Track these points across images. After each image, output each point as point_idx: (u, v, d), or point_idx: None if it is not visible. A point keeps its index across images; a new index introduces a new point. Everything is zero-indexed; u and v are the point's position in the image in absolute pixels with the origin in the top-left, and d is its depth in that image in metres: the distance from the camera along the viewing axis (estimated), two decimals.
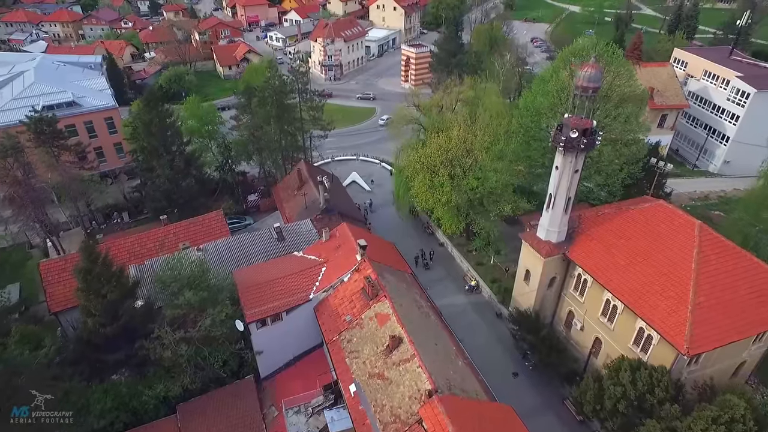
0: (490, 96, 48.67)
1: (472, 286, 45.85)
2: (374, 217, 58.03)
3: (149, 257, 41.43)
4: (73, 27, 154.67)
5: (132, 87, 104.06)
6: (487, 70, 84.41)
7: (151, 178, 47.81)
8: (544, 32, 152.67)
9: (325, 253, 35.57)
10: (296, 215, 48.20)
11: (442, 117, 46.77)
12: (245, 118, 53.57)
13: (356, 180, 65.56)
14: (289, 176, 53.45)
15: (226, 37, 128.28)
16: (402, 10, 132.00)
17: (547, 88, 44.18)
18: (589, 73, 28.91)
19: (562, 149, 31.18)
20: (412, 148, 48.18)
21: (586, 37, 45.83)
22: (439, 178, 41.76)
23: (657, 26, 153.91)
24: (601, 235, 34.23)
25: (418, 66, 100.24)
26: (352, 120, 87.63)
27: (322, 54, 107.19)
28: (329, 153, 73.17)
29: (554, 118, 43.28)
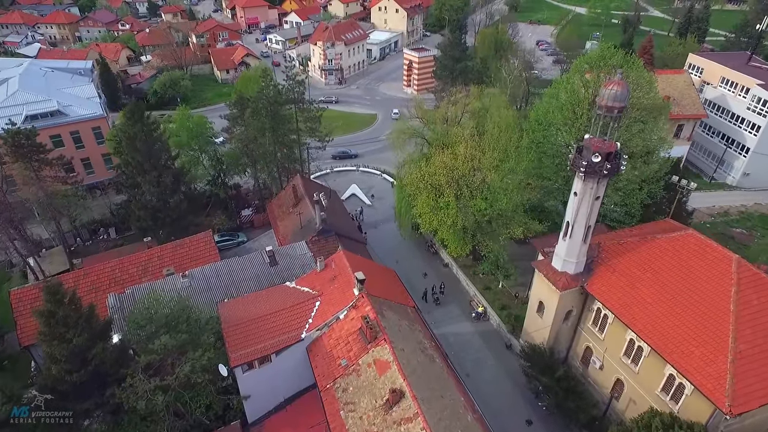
0: (498, 107, 45.41)
1: (479, 312, 42.66)
2: (375, 233, 54.88)
3: (131, 284, 38.41)
4: (69, 29, 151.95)
5: (127, 91, 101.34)
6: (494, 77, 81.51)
7: (136, 196, 44.68)
8: (549, 35, 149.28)
9: (319, 285, 32.45)
10: (291, 235, 45.10)
11: (447, 131, 43.52)
12: (238, 129, 50.43)
13: (356, 193, 62.44)
14: (284, 192, 50.32)
15: (224, 39, 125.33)
16: (404, 12, 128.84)
17: (559, 101, 40.96)
18: (615, 92, 25.69)
19: (583, 174, 27.97)
20: (414, 164, 45.04)
21: (601, 46, 42.28)
22: (444, 199, 38.58)
23: (666, 29, 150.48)
24: (624, 268, 30.99)
25: (421, 71, 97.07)
26: (353, 127, 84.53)
27: (322, 58, 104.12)
28: (328, 164, 70.11)
29: (569, 134, 40.16)
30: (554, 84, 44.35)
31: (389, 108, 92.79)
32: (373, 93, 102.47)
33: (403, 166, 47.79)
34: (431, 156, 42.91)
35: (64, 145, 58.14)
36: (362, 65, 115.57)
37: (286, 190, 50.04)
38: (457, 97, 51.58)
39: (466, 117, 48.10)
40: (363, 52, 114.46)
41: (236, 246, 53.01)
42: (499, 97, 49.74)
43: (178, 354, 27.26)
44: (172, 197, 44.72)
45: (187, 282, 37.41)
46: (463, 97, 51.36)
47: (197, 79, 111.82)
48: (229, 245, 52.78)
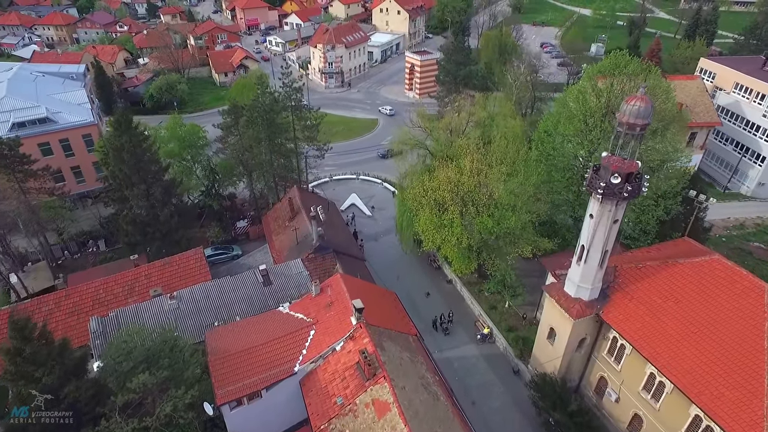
0: (504, 116, 43.12)
1: (484, 334, 40.34)
2: (375, 247, 52.65)
3: (116, 305, 36.28)
4: (66, 30, 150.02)
5: (123, 95, 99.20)
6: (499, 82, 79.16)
7: (124, 209, 42.48)
8: (554, 37, 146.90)
9: (314, 312, 30.18)
10: (286, 251, 42.87)
11: (452, 142, 41.23)
12: (232, 139, 48.18)
13: (356, 203, 60.15)
14: (280, 204, 48.10)
15: (222, 42, 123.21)
16: (406, 14, 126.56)
17: (570, 111, 38.63)
18: (638, 108, 23.38)
19: (600, 196, 25.65)
20: (416, 176, 42.77)
21: (615, 53, 39.93)
22: (448, 216, 36.28)
23: (672, 30, 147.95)
24: (644, 295, 28.65)
25: (423, 74, 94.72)
26: (354, 132, 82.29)
27: (323, 61, 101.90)
28: (327, 171, 67.85)
29: (580, 146, 37.84)
30: (564, 93, 42.00)
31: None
32: (375, 97, 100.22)
33: (404, 177, 45.57)
34: (434, 168, 40.65)
35: (53, 153, 56.03)
36: (363, 68, 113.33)
37: (282, 202, 47.83)
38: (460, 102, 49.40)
39: (471, 125, 45.78)
40: (364, 55, 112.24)
41: (231, 260, 50.81)
42: (505, 105, 47.45)
43: (159, 391, 25.04)
44: (162, 211, 42.46)
45: (175, 304, 35.24)
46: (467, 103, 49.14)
47: (195, 82, 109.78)
48: (223, 259, 50.59)
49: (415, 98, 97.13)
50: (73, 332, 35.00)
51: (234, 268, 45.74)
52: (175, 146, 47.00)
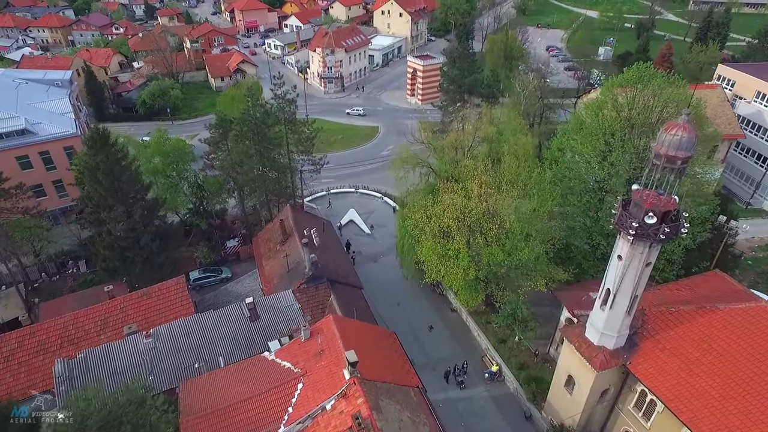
0: (514, 132, 39.62)
1: (493, 372, 36.81)
2: (374, 269, 49.25)
3: (87, 343, 32.96)
4: (62, 33, 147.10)
5: (115, 101, 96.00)
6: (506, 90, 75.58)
7: (101, 233, 39.11)
8: (560, 39, 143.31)
9: (303, 360, 26.72)
10: (277, 278, 39.45)
11: (457, 161, 37.75)
12: (220, 155, 44.74)
13: (354, 219, 56.71)
14: (271, 225, 44.68)
15: (219, 45, 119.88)
16: (408, 17, 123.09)
17: (588, 129, 35.11)
18: (680, 138, 19.88)
19: (631, 237, 22.14)
20: (419, 196, 39.34)
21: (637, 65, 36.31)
22: (454, 245, 32.78)
23: (681, 33, 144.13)
24: (678, 345, 25.13)
25: (426, 79, 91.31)
26: (353, 141, 78.84)
27: (322, 65, 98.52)
28: (325, 183, 64.43)
29: (600, 169, 34.31)
30: (581, 109, 38.49)
31: (393, 120, 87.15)
32: (375, 103, 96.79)
33: (406, 197, 42.09)
34: (438, 190, 37.16)
35: (33, 167, 52.82)
36: (364, 72, 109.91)
37: (274, 223, 44.38)
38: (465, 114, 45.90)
39: (478, 140, 42.28)
40: (364, 59, 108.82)
41: (220, 282, 47.44)
42: (514, 118, 43.87)
43: None
44: (142, 234, 39.07)
45: (151, 343, 31.88)
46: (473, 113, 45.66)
47: (190, 86, 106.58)
48: (211, 282, 47.26)
49: (418, 104, 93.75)
50: (37, 375, 31.78)
51: (220, 295, 42.33)
52: (160, 162, 43.60)
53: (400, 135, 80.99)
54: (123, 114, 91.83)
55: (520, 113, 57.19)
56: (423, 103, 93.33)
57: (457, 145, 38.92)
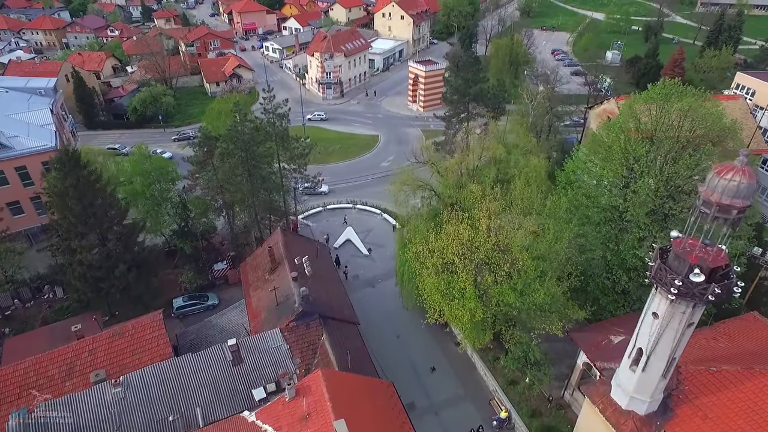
0: (525, 153, 36.15)
1: (501, 419, 33.30)
2: (371, 295, 45.86)
3: (52, 390, 29.47)
4: (56, 35, 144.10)
5: (107, 108, 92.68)
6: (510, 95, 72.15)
7: (72, 263, 35.76)
8: (565, 42, 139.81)
9: (286, 426, 23.27)
10: (264, 312, 36.03)
11: (462, 185, 34.28)
12: (205, 175, 41.31)
13: (351, 239, 53.25)
14: (260, 250, 41.24)
15: (215, 48, 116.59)
16: (410, 19, 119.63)
17: (608, 152, 31.61)
18: (737, 185, 16.40)
19: (673, 297, 18.65)
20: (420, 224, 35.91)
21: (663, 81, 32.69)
22: (459, 283, 29.31)
23: (690, 36, 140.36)
24: (722, 413, 21.62)
25: (428, 86, 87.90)
26: (352, 151, 75.34)
27: (320, 70, 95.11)
28: (321, 198, 61.02)
29: (621, 197, 30.82)
30: (599, 129, 35.03)
31: (393, 128, 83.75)
32: (375, 110, 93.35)
33: (407, 222, 38.63)
34: (441, 216, 33.66)
35: (9, 183, 49.57)
36: (364, 77, 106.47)
37: (263, 249, 40.97)
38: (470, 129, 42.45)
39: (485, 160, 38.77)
40: (364, 64, 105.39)
41: (206, 310, 44.07)
42: (523, 136, 40.34)
43: None
44: (118, 264, 35.72)
45: (120, 392, 28.41)
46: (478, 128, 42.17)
47: (185, 92, 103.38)
48: (196, 310, 43.92)
49: (419, 112, 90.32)
50: None
51: (204, 328, 38.82)
52: (139, 183, 40.16)
53: (401, 144, 77.70)
54: (114, 121, 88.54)
55: (528, 125, 53.81)
56: (425, 110, 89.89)
57: (462, 169, 35.42)
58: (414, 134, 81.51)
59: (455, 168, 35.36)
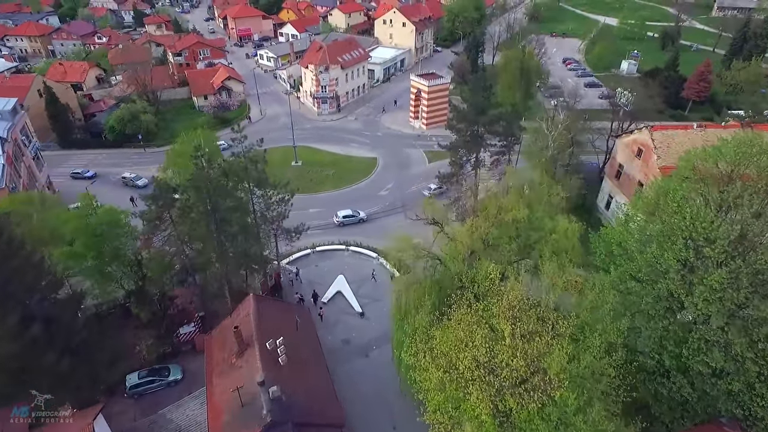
0: (551, 213, 28.93)
1: None
2: (364, 367, 38.76)
3: None
4: (41, 42, 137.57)
5: (86, 125, 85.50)
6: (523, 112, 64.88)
7: None
8: (577, 50, 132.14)
9: None
10: (227, 414, 28.88)
11: (474, 261, 27.12)
12: (163, 234, 34.17)
13: (342, 291, 46.13)
14: (229, 321, 34.17)
15: (205, 58, 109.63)
16: (413, 27, 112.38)
17: (667, 224, 24.33)
18: None
19: None
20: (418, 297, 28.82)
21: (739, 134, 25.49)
22: (470, 403, 22.09)
23: (710, 43, 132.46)
24: None
25: (432, 101, 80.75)
26: (347, 177, 68.16)
27: (315, 84, 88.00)
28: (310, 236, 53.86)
29: (683, 287, 23.55)
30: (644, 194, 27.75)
31: (393, 148, 76.58)
32: (374, 127, 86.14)
33: (405, 291, 31.44)
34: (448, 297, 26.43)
35: None
36: (363, 89, 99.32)
37: (233, 319, 33.96)
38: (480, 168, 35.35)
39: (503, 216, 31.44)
40: (363, 75, 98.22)
41: (166, 387, 37.08)
42: (550, 188, 33.06)
43: None
44: (47, 352, 28.68)
45: None
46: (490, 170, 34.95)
47: (172, 105, 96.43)
48: (155, 387, 36.89)
49: (422, 129, 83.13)
50: None
51: (156, 426, 31.75)
52: (80, 244, 32.96)
53: (401, 168, 70.57)
54: (91, 140, 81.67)
55: (547, 158, 46.59)
56: (428, 128, 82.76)
57: (473, 236, 28.18)
58: (416, 156, 74.37)
59: (466, 237, 28.13)
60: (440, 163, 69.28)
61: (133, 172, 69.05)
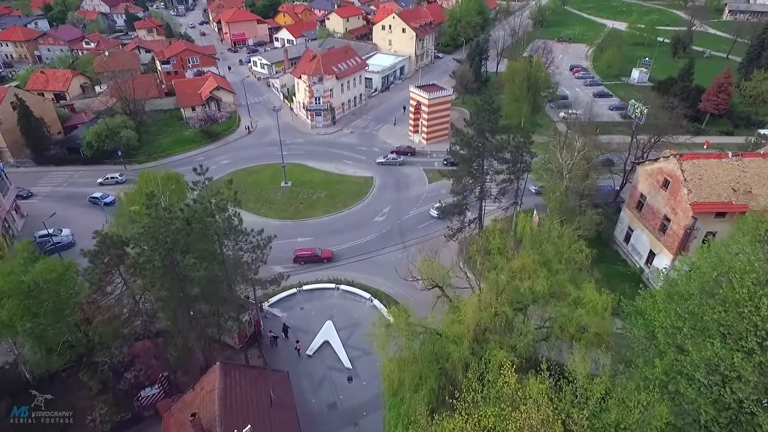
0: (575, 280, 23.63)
1: None
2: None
3: None
4: (27, 47, 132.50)
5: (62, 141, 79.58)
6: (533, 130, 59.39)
7: None
8: (584, 56, 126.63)
9: None
10: None
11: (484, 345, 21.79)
12: (109, 296, 28.81)
13: (330, 342, 40.78)
14: (191, 396, 28.88)
15: (194, 66, 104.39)
16: (413, 33, 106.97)
17: (727, 316, 18.97)
18: None
19: None
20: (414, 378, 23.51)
21: None
22: None
23: (723, 49, 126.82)
24: None
25: (432, 115, 75.44)
26: (340, 200, 62.80)
27: (308, 95, 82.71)
28: (297, 274, 48.68)
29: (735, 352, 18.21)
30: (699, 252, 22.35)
31: (391, 167, 71.19)
32: (371, 141, 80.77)
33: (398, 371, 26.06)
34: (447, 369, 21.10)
35: None
36: (360, 100, 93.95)
37: (195, 393, 28.67)
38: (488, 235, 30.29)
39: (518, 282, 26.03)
40: (360, 85, 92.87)
41: None
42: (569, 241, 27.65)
43: None
44: None
45: None
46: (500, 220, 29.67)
47: (159, 116, 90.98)
48: None
49: (422, 145, 77.81)
50: None
51: None
52: (7, 309, 27.46)
53: (399, 190, 65.26)
54: (68, 156, 76.42)
55: (562, 192, 41.24)
56: (428, 143, 77.48)
57: (481, 314, 22.83)
58: (415, 176, 69.01)
59: (471, 316, 22.75)
60: (441, 184, 64.28)
61: (103, 191, 64.49)
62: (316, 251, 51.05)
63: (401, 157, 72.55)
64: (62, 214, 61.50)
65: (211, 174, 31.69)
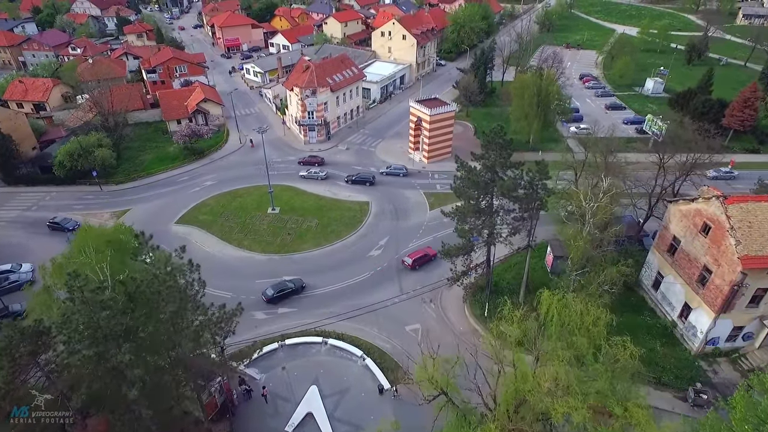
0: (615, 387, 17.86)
1: None
2: None
3: None
4: (11, 53, 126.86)
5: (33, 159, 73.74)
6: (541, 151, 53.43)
7: None
8: (594, 64, 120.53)
9: None
10: None
11: None
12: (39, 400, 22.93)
13: (314, 414, 34.87)
14: None
15: (181, 75, 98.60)
16: (414, 40, 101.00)
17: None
18: None
19: None
20: None
21: None
22: None
23: (741, 57, 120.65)
24: None
25: (434, 132, 69.60)
26: (332, 230, 56.87)
27: (301, 109, 76.87)
28: (280, 323, 42.91)
29: None
30: None
31: (388, 189, 65.39)
32: (368, 159, 74.88)
33: None
34: None
35: None
36: (357, 112, 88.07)
37: None
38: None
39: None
40: (357, 96, 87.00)
41: None
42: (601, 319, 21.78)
43: None
44: None
45: None
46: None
47: (142, 129, 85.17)
48: None
49: (423, 163, 71.98)
50: None
51: None
52: None
53: (398, 217, 59.41)
54: (41, 176, 70.74)
55: (584, 238, 35.32)
56: (429, 162, 71.65)
57: None
58: (415, 200, 63.10)
59: None
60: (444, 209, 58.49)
61: (63, 215, 59.48)
62: (428, 250, 50.90)
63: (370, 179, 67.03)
64: (25, 244, 56.05)
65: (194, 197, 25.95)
